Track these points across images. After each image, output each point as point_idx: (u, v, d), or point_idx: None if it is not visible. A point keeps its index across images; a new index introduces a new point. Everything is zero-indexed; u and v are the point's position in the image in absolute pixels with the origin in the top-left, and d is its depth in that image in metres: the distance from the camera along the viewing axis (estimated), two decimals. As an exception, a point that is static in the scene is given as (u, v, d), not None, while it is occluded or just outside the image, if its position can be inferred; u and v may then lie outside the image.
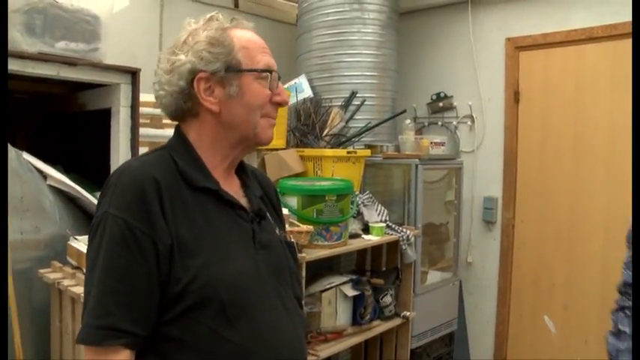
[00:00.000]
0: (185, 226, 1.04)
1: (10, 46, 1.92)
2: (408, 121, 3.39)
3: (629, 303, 1.60)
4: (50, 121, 2.73)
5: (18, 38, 1.93)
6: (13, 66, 1.89)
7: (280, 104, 1.16)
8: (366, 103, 3.25)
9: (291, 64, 3.63)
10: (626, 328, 1.61)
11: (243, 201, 1.18)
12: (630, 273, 1.60)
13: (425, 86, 3.80)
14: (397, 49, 3.48)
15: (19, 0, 1.93)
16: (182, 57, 1.09)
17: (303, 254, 2.23)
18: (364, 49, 3.32)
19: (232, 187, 1.18)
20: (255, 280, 1.11)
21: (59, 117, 2.70)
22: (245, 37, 1.14)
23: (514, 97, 3.44)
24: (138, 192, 1.01)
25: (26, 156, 2.00)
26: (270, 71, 1.14)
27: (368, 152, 3.06)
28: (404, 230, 2.83)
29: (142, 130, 2.29)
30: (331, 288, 2.53)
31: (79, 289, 1.68)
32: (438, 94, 3.74)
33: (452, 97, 3.69)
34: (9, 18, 1.92)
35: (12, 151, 1.88)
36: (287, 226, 2.20)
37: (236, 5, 3.72)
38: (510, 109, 3.46)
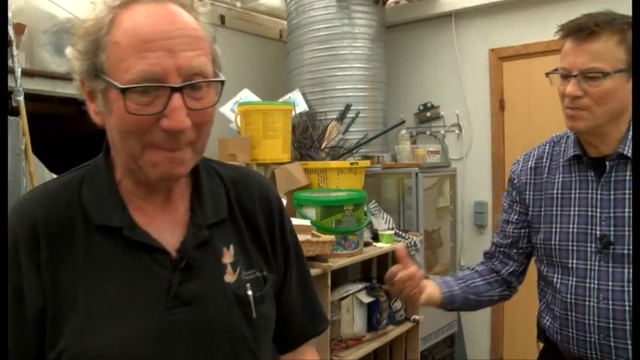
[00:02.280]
0: (69, 278, 0.83)
1: (40, 67, 1.91)
2: (404, 132, 3.49)
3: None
4: (70, 140, 2.70)
5: (47, 58, 1.92)
6: (44, 87, 1.89)
7: (168, 131, 0.79)
8: (360, 115, 3.33)
9: (280, 79, 3.69)
10: None
11: (172, 238, 0.89)
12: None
13: (412, 97, 3.92)
14: (386, 61, 3.58)
15: (48, 21, 1.92)
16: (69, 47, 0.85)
17: (329, 263, 2.28)
18: (355, 62, 3.41)
19: (166, 220, 0.91)
20: (150, 353, 0.83)
21: (71, 137, 2.67)
22: (130, 24, 0.79)
23: (499, 104, 3.59)
24: (11, 241, 0.84)
25: (53, 175, 1.98)
26: (146, 87, 0.78)
27: (368, 163, 3.13)
28: (410, 237, 2.91)
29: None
30: (348, 296, 2.58)
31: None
32: (425, 104, 3.86)
33: (439, 106, 3.82)
34: (38, 39, 1.91)
35: (46, 172, 1.86)
36: (309, 236, 2.25)
37: (222, 22, 3.75)
38: (496, 117, 3.61)
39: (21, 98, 1.70)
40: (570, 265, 1.43)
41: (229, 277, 0.92)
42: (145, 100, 0.78)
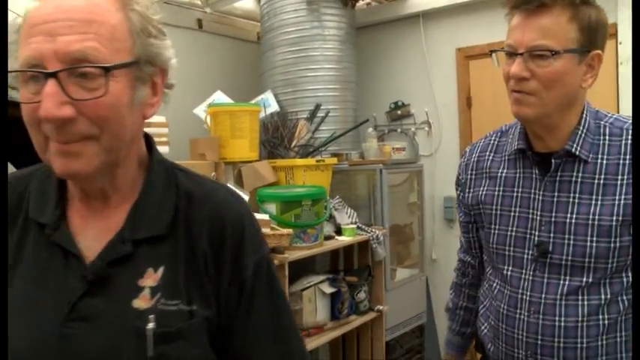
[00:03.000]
0: (8, 267, 0.83)
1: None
2: (370, 130, 3.61)
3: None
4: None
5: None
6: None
7: (45, 120, 0.73)
8: (329, 114, 3.46)
9: (255, 81, 3.82)
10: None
11: (96, 246, 0.83)
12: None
13: (383, 96, 4.04)
14: (356, 62, 3.71)
15: (11, 28, 2.06)
16: None
17: (286, 255, 2.41)
18: (325, 63, 3.53)
19: (98, 226, 0.85)
20: None
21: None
22: (27, 12, 0.77)
23: (466, 102, 3.71)
24: None
25: None
26: (24, 72, 0.75)
27: (335, 160, 3.26)
28: (373, 230, 3.04)
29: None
30: (310, 286, 2.72)
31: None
32: (396, 103, 3.98)
33: (409, 105, 3.94)
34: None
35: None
36: (268, 230, 2.38)
37: (200, 26, 3.88)
38: (464, 114, 3.73)
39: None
40: (505, 272, 1.33)
41: (141, 303, 0.80)
42: (34, 88, 0.74)
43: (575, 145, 1.22)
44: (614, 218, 1.18)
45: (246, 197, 2.56)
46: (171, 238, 0.86)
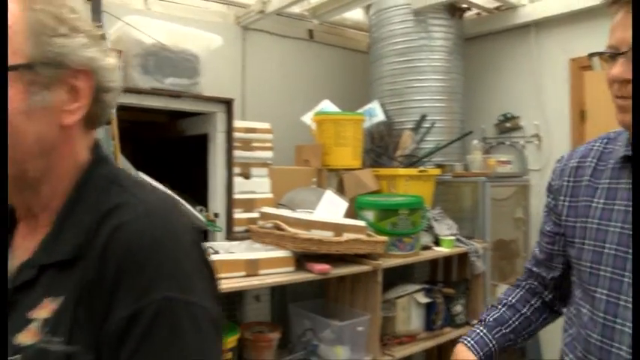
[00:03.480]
0: None
1: (130, 84, 2.28)
2: (475, 142, 3.57)
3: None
4: (153, 145, 3.10)
5: (136, 77, 2.28)
6: (132, 100, 2.24)
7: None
8: (435, 125, 3.46)
9: (363, 90, 3.90)
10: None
11: (14, 262, 0.79)
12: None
13: (492, 108, 3.97)
14: (464, 73, 3.68)
15: (137, 46, 2.29)
16: None
17: (379, 262, 2.46)
18: (432, 74, 3.54)
19: (23, 246, 0.81)
20: None
21: (161, 142, 3.06)
22: None
23: (580, 115, 3.55)
24: None
25: (141, 174, 2.33)
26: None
27: (438, 171, 3.26)
28: (472, 243, 3.00)
29: (235, 153, 2.60)
30: (405, 295, 2.74)
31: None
32: (505, 115, 3.89)
33: (518, 117, 3.83)
34: (130, 61, 2.28)
35: (132, 170, 2.22)
36: (363, 236, 2.44)
37: (311, 36, 4.03)
38: (577, 128, 3.57)
39: (113, 110, 2.06)
40: (599, 296, 1.13)
41: (26, 338, 0.71)
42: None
43: None
44: None
45: (345, 204, 2.63)
46: (82, 264, 0.72)
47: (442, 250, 2.86)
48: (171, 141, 2.96)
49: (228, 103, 2.57)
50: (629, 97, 1.01)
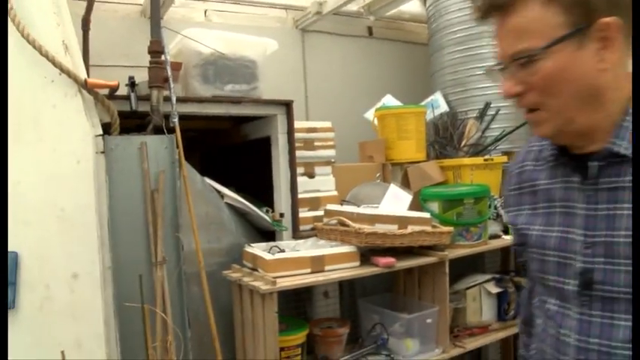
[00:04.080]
0: None
1: (191, 93, 2.39)
2: (544, 126, 3.45)
3: None
4: (220, 151, 3.22)
5: (196, 86, 2.39)
6: (194, 108, 2.35)
7: None
8: (500, 112, 3.39)
9: (425, 82, 3.87)
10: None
11: None
12: None
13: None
14: (528, 56, 3.57)
15: (197, 57, 2.39)
16: None
17: (446, 252, 2.44)
18: (494, 60, 3.46)
19: None
20: None
21: (227, 147, 3.17)
22: None
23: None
24: None
25: (207, 180, 2.43)
26: None
27: (504, 159, 3.19)
28: (545, 230, 2.91)
29: (297, 153, 2.65)
30: (475, 285, 2.70)
31: (257, 283, 2.05)
32: (575, 96, 3.75)
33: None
34: (190, 71, 2.39)
35: (197, 176, 2.32)
36: (428, 228, 2.44)
37: (370, 33, 4.05)
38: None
39: (176, 120, 2.16)
40: (548, 306, 1.06)
41: None
42: None
43: (619, 142, 0.92)
44: None
45: (409, 197, 2.63)
46: None
47: (511, 239, 2.80)
48: (236, 146, 3.07)
49: (287, 105, 2.63)
50: (530, 108, 0.96)
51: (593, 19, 0.89)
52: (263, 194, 2.71)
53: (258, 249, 2.29)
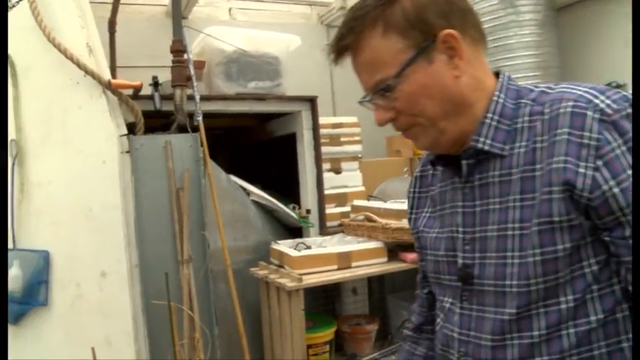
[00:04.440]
0: None
1: (215, 91, 2.40)
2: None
3: None
4: (247, 149, 3.23)
5: (220, 84, 2.39)
6: (218, 106, 2.36)
7: None
8: (530, 102, 3.32)
9: (453, 75, 3.81)
10: None
11: None
12: None
13: (593, 79, 3.73)
14: (558, 45, 3.49)
15: (220, 55, 2.40)
16: None
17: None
18: (523, 50, 3.39)
19: None
20: None
21: (254, 145, 3.18)
22: None
23: (695, 76, 3.26)
24: None
25: (233, 177, 2.44)
26: None
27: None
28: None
29: (324, 149, 2.65)
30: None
31: (283, 280, 2.04)
32: (609, 84, 3.65)
33: (625, 84, 3.58)
34: (213, 70, 2.40)
35: (222, 174, 2.33)
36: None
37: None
38: (692, 90, 3.28)
39: (200, 118, 2.17)
40: (440, 304, 1.09)
41: None
42: None
43: (482, 139, 0.96)
44: (534, 222, 0.90)
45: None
46: None
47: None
48: (262, 143, 3.07)
49: (311, 101, 2.62)
50: (405, 129, 0.99)
51: (433, 35, 0.92)
52: (290, 191, 2.71)
53: (285, 246, 2.29)
